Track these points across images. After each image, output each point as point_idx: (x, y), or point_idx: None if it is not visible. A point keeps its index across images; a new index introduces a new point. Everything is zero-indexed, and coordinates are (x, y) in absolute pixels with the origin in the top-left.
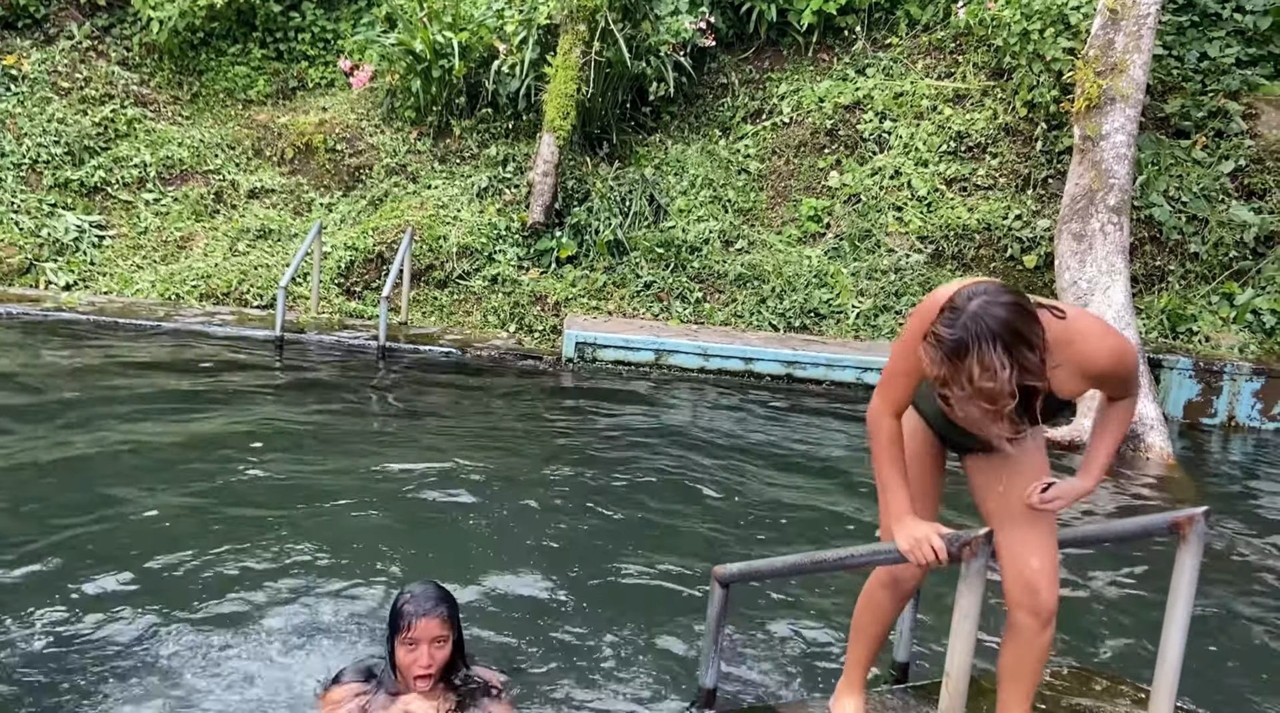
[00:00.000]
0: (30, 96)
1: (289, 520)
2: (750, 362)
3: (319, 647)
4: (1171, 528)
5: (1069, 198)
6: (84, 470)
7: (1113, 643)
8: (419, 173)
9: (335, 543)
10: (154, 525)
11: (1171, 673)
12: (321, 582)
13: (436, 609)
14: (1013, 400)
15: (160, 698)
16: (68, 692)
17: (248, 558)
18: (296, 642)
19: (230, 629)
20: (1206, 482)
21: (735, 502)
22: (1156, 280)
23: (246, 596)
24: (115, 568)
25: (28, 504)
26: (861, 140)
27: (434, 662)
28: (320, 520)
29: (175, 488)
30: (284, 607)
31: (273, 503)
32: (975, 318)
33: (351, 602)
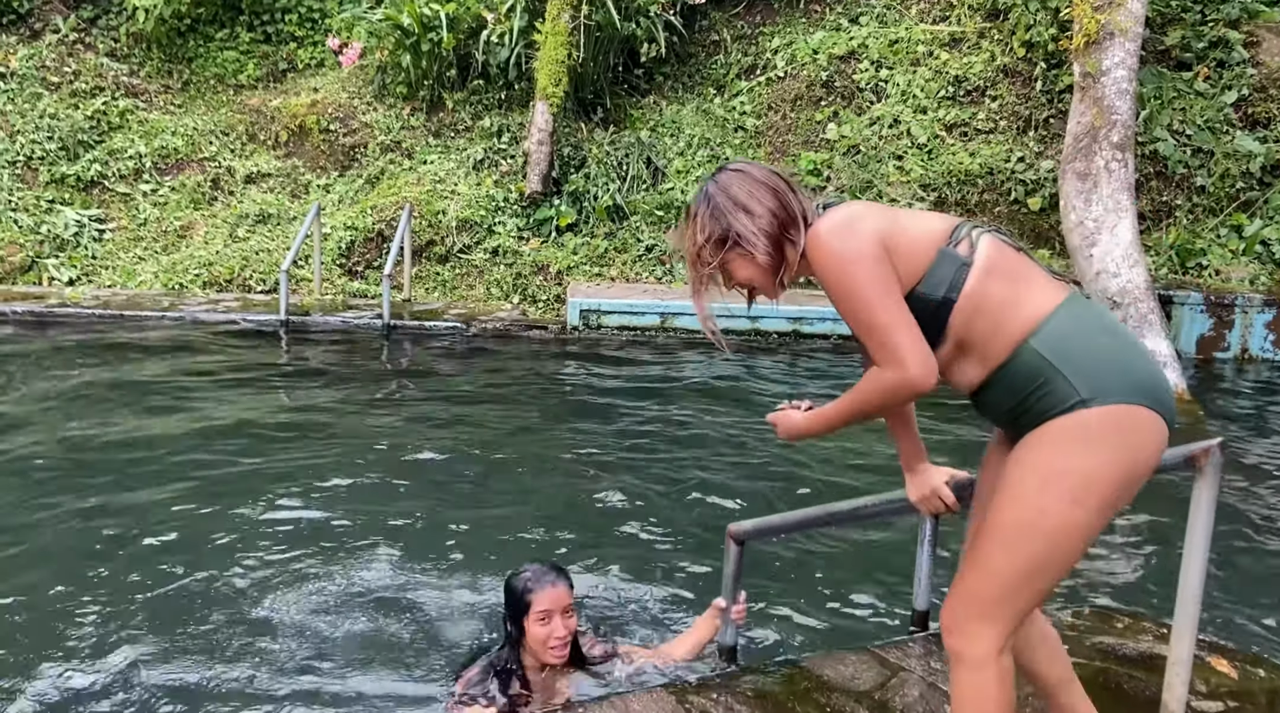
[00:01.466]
0: (20, 93)
1: (308, 501)
2: (756, 320)
3: (341, 628)
4: (1188, 462)
5: (1071, 137)
6: (95, 462)
7: (1133, 581)
8: (414, 149)
9: (355, 521)
10: (171, 511)
11: (1192, 608)
12: (341, 560)
13: (561, 578)
14: (707, 267)
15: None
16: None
17: (266, 540)
18: (321, 624)
19: (250, 612)
20: (1221, 415)
21: (748, 460)
22: (1164, 216)
23: (264, 578)
24: (126, 555)
25: (46, 489)
26: (858, 90)
27: (569, 631)
28: (339, 499)
29: (190, 475)
30: (303, 586)
31: (289, 485)
32: (708, 181)
33: (373, 579)
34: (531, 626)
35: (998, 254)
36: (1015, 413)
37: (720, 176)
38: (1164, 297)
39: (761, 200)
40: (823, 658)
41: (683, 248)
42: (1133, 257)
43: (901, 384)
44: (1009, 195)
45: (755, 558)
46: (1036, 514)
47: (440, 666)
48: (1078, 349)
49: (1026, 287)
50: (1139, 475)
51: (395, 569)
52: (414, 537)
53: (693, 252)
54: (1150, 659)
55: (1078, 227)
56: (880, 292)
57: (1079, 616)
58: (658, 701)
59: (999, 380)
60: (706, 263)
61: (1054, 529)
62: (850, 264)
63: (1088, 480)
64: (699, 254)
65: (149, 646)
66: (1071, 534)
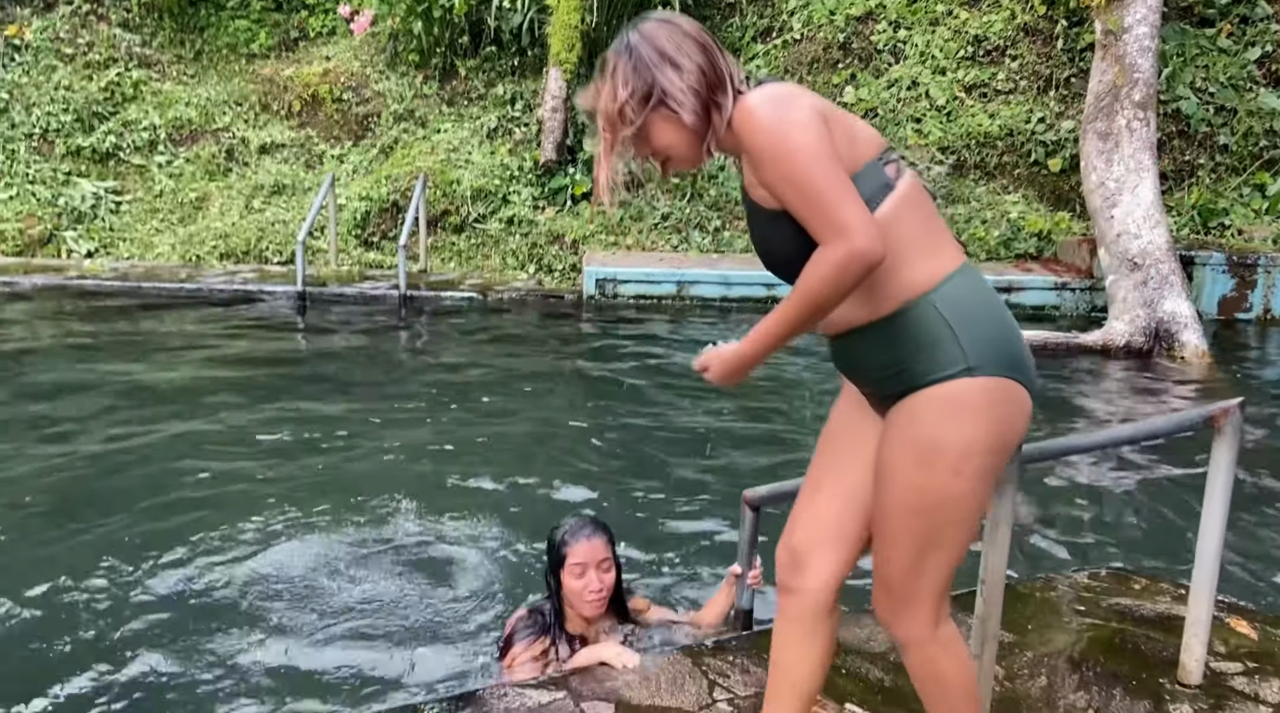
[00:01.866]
0: (35, 65)
1: (331, 473)
2: (773, 288)
3: (360, 588)
4: (1207, 422)
5: (1093, 96)
6: (120, 442)
7: (1150, 543)
8: (427, 117)
9: (378, 489)
10: (198, 481)
11: (1210, 569)
12: (367, 528)
13: (597, 532)
14: (627, 128)
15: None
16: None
17: (289, 507)
18: (339, 584)
19: (272, 583)
20: (1242, 376)
21: (764, 425)
22: (1186, 175)
23: (287, 546)
24: (150, 524)
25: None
26: (876, 52)
27: (604, 585)
28: (362, 469)
29: (217, 448)
30: (329, 556)
31: (313, 456)
32: (630, 30)
33: (400, 545)
34: (567, 578)
35: (917, 193)
36: (888, 370)
37: (644, 26)
38: (1185, 257)
39: (690, 55)
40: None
41: (594, 106)
42: (1154, 217)
43: (851, 257)
44: (1029, 157)
45: (771, 524)
46: (917, 493)
47: (463, 622)
48: (972, 316)
49: (936, 238)
50: (1009, 447)
51: (415, 529)
52: (430, 499)
53: (611, 110)
54: (1168, 620)
55: (1099, 187)
56: (823, 157)
57: (1096, 577)
58: (675, 663)
59: (879, 330)
60: (628, 122)
61: (939, 504)
62: (789, 128)
63: (966, 450)
64: (620, 113)
65: (174, 593)
66: (959, 504)
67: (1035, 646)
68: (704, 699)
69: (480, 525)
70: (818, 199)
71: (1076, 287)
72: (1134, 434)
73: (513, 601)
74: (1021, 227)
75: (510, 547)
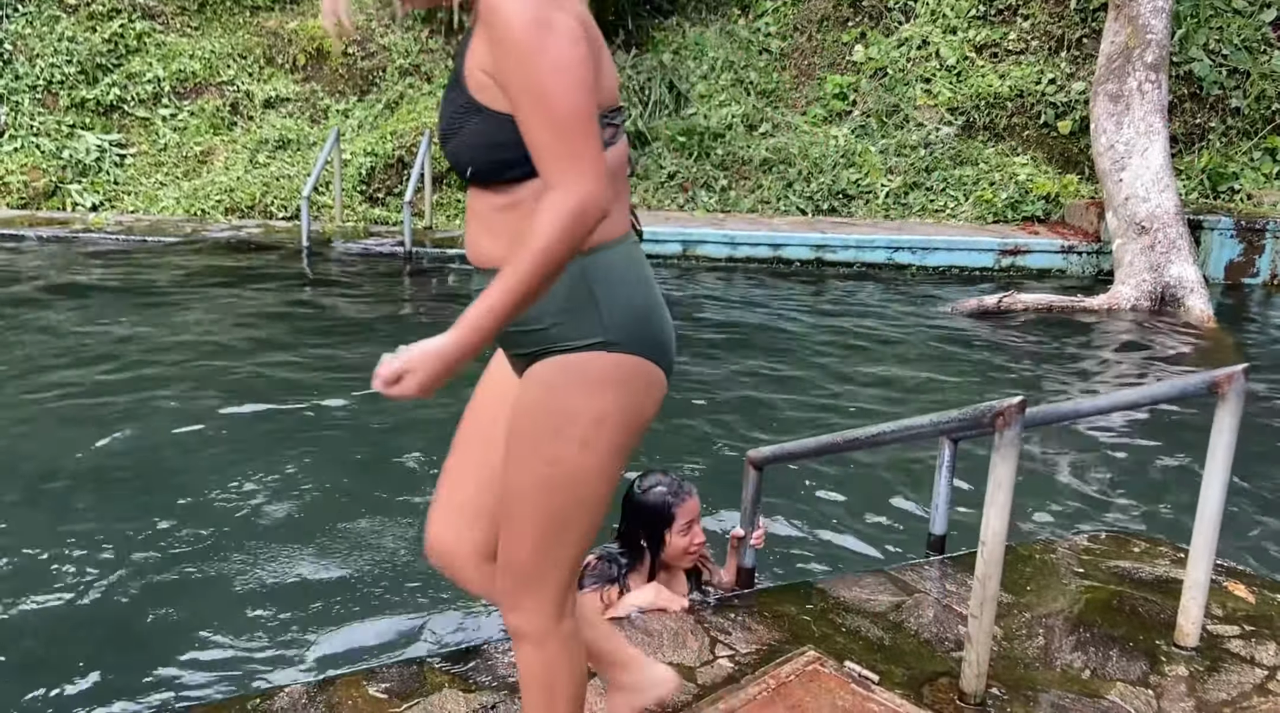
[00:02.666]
0: (39, 16)
1: (343, 432)
2: (779, 248)
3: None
4: (1211, 388)
5: (1104, 57)
6: (121, 396)
7: (1152, 507)
8: (433, 73)
9: (380, 447)
10: (205, 442)
11: (1210, 532)
12: (371, 488)
13: (693, 490)
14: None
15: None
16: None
17: (294, 467)
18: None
19: (275, 545)
20: (1248, 341)
21: (769, 385)
22: (1196, 139)
23: (298, 515)
24: (145, 487)
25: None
26: (886, 10)
27: (703, 538)
28: (360, 426)
29: (220, 404)
30: (336, 521)
31: (321, 415)
32: None
33: (402, 503)
34: (674, 537)
35: (621, 159)
36: (526, 325)
37: None
38: (1194, 221)
39: None
40: (839, 579)
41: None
42: (1163, 181)
43: (589, 205)
44: (1038, 118)
45: (774, 483)
46: (548, 465)
47: None
48: (618, 289)
49: (617, 205)
50: (638, 429)
51: (419, 485)
52: (430, 455)
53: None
54: (1167, 583)
55: (1108, 150)
56: (585, 85)
57: (1095, 539)
58: (678, 620)
59: None
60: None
61: (568, 477)
62: (556, 39)
63: (597, 423)
64: None
65: (195, 546)
66: (588, 480)
67: (1034, 606)
68: (705, 656)
69: None
70: (565, 131)
71: (1083, 250)
72: (1137, 399)
73: None
74: (1030, 189)
75: None
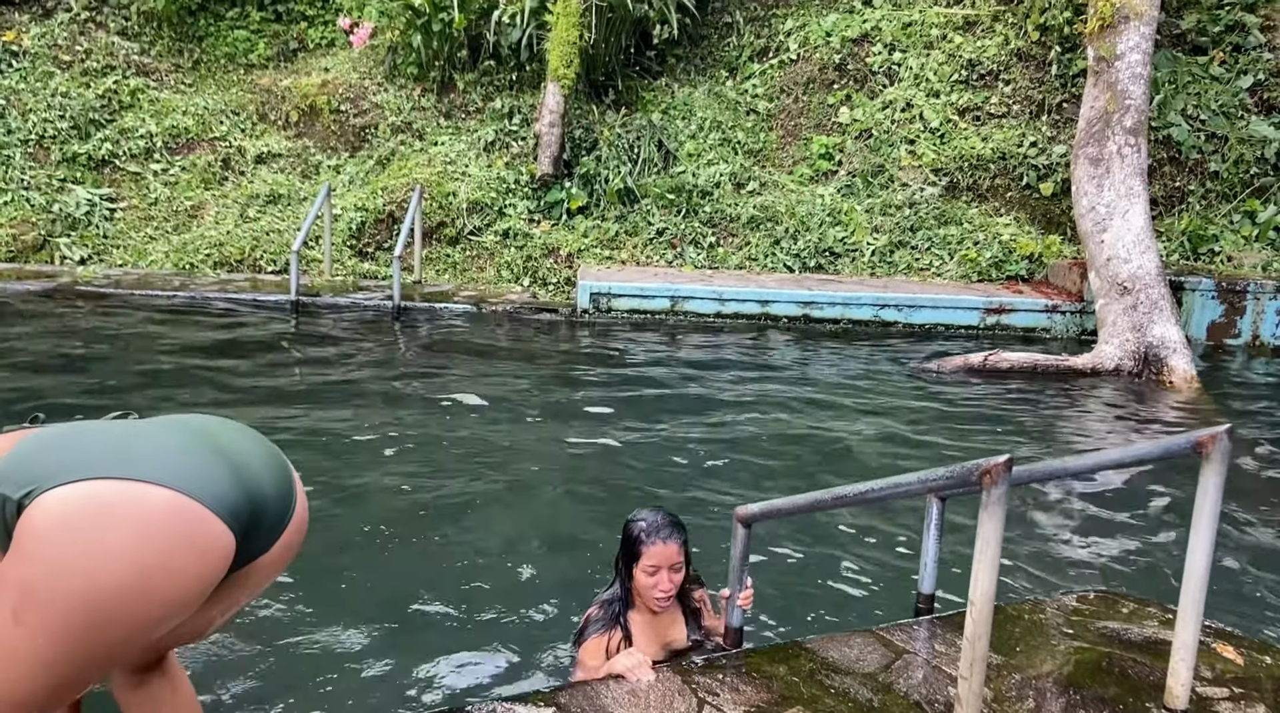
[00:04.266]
0: (32, 72)
1: (325, 484)
2: (766, 304)
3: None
4: (1195, 448)
5: (1085, 121)
6: None
7: (1139, 567)
8: (424, 130)
9: (372, 502)
10: None
11: (1197, 593)
12: (359, 543)
13: (674, 536)
14: None
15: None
16: None
17: None
18: (341, 616)
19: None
20: (1230, 401)
21: (757, 442)
22: (1176, 201)
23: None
24: None
25: None
26: (871, 74)
27: (673, 585)
28: (356, 481)
29: None
30: (330, 575)
31: (308, 466)
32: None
33: (392, 563)
34: (639, 574)
35: None
36: None
37: None
38: (1175, 283)
39: None
40: (828, 639)
41: None
42: (1144, 242)
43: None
44: (1021, 180)
45: (762, 540)
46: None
47: (470, 632)
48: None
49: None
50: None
51: (406, 550)
52: (417, 510)
53: None
54: (1155, 644)
55: (1089, 212)
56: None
57: (1084, 600)
58: (664, 681)
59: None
60: None
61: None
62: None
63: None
64: None
65: None
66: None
67: (1023, 667)
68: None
69: (465, 538)
70: None
71: (1067, 309)
72: (1122, 458)
73: (505, 616)
74: (1013, 249)
75: (489, 559)
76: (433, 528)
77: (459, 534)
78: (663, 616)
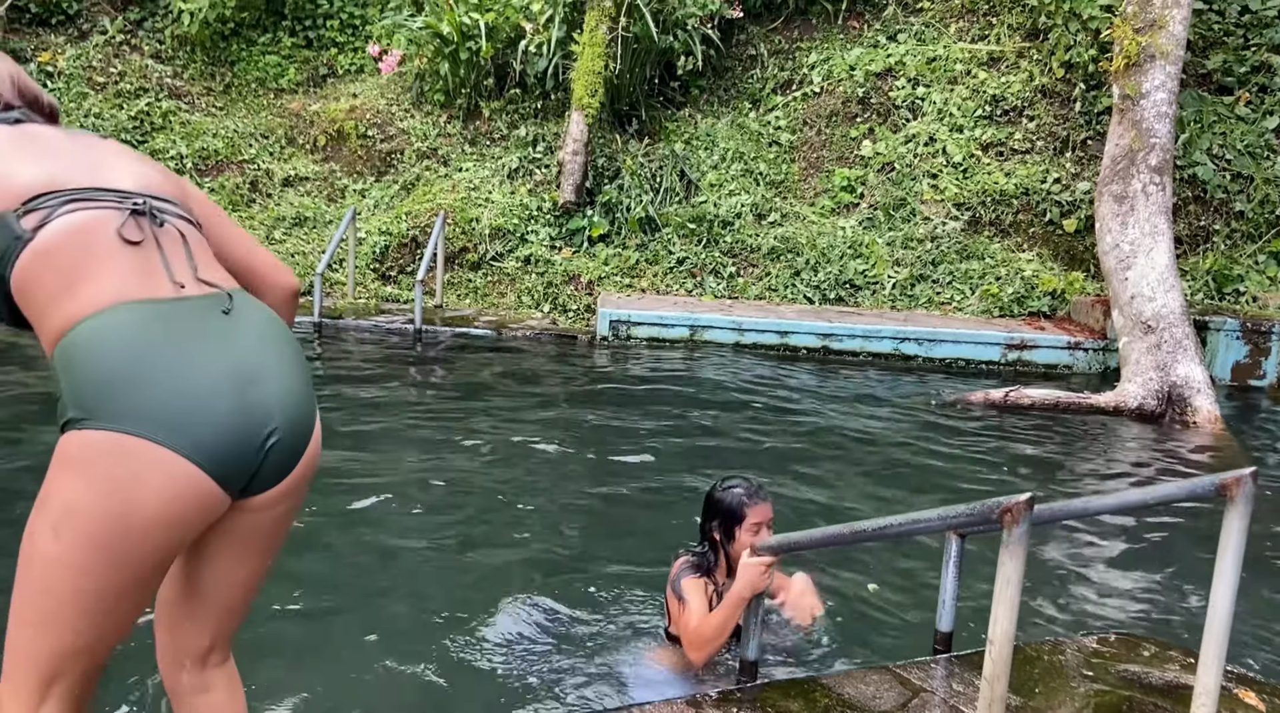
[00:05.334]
0: (67, 92)
1: (344, 509)
2: (786, 335)
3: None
4: (1219, 490)
5: (1109, 159)
6: None
7: (1160, 609)
8: (450, 156)
9: (393, 528)
10: None
11: (1220, 637)
12: (388, 568)
13: (767, 496)
14: None
15: None
16: None
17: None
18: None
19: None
20: (1255, 444)
21: (775, 475)
22: (1201, 241)
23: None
24: None
25: None
26: (894, 108)
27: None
28: (376, 506)
29: None
30: (358, 605)
31: (323, 490)
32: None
33: (418, 587)
34: (743, 535)
35: (61, 238)
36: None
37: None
38: (1200, 322)
39: None
40: (844, 676)
41: None
42: (1168, 281)
43: None
44: (1044, 216)
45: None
46: (26, 539)
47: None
48: (86, 361)
49: (85, 281)
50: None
51: (431, 569)
52: (435, 537)
53: None
54: (1176, 689)
55: (1113, 249)
56: None
57: (1104, 641)
58: (678, 711)
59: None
60: None
61: (32, 559)
62: None
63: (66, 510)
64: None
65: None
66: (51, 571)
67: (1042, 709)
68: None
69: (484, 565)
70: None
71: (1089, 347)
72: (1145, 499)
73: (529, 636)
74: (1035, 284)
75: (512, 582)
76: (454, 549)
77: (479, 555)
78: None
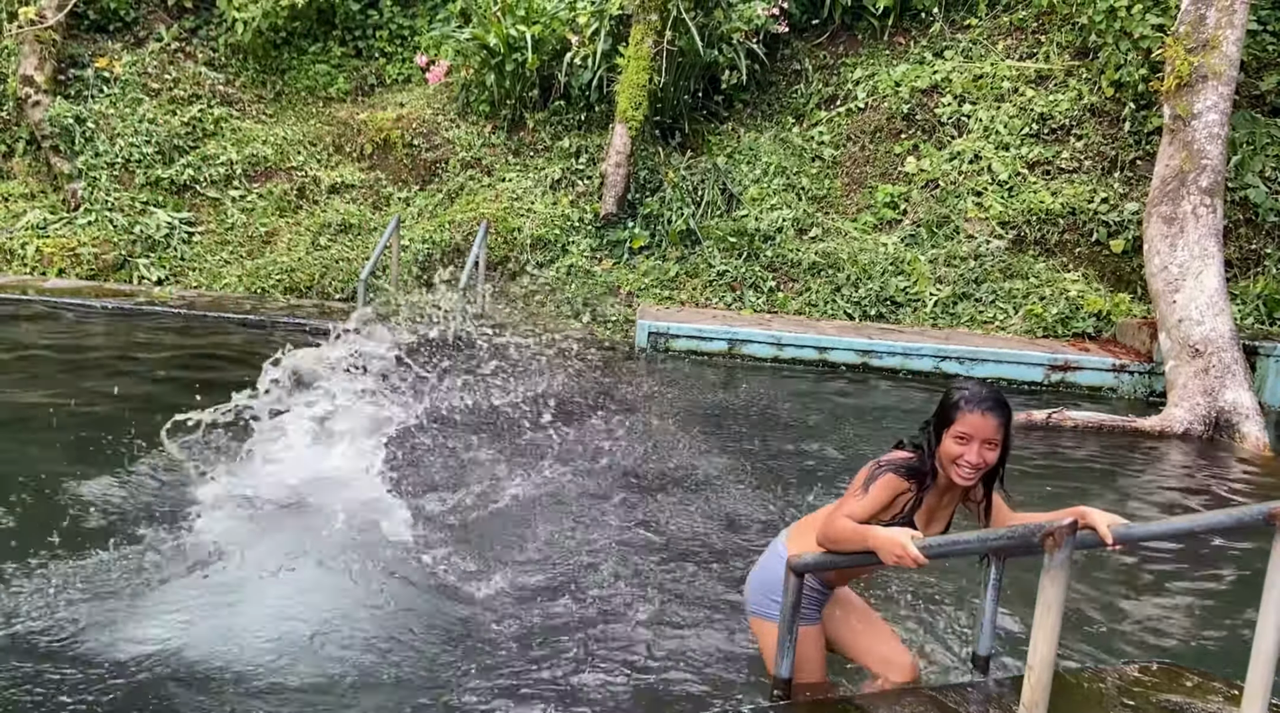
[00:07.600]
0: (122, 98)
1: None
2: (825, 351)
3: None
4: (1267, 519)
5: (1159, 179)
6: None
7: (1205, 640)
8: (494, 166)
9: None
10: None
11: (1265, 670)
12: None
13: (995, 409)
14: None
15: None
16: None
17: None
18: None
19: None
20: None
21: (814, 487)
22: (1252, 264)
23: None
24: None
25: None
26: (940, 124)
27: (983, 461)
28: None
29: None
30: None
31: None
32: None
33: (455, 607)
34: (948, 441)
35: None
36: None
37: None
38: (1249, 347)
39: None
40: (880, 697)
41: None
42: (1218, 304)
43: None
44: (1091, 236)
45: None
46: None
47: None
48: None
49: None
50: None
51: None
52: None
53: None
54: None
55: (1161, 271)
56: None
57: (1146, 671)
58: None
59: None
60: None
61: None
62: None
63: None
64: None
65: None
66: None
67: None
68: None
69: (508, 570)
70: None
71: (1135, 370)
72: (1192, 526)
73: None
74: (1080, 305)
75: (533, 597)
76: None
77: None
78: (944, 499)
